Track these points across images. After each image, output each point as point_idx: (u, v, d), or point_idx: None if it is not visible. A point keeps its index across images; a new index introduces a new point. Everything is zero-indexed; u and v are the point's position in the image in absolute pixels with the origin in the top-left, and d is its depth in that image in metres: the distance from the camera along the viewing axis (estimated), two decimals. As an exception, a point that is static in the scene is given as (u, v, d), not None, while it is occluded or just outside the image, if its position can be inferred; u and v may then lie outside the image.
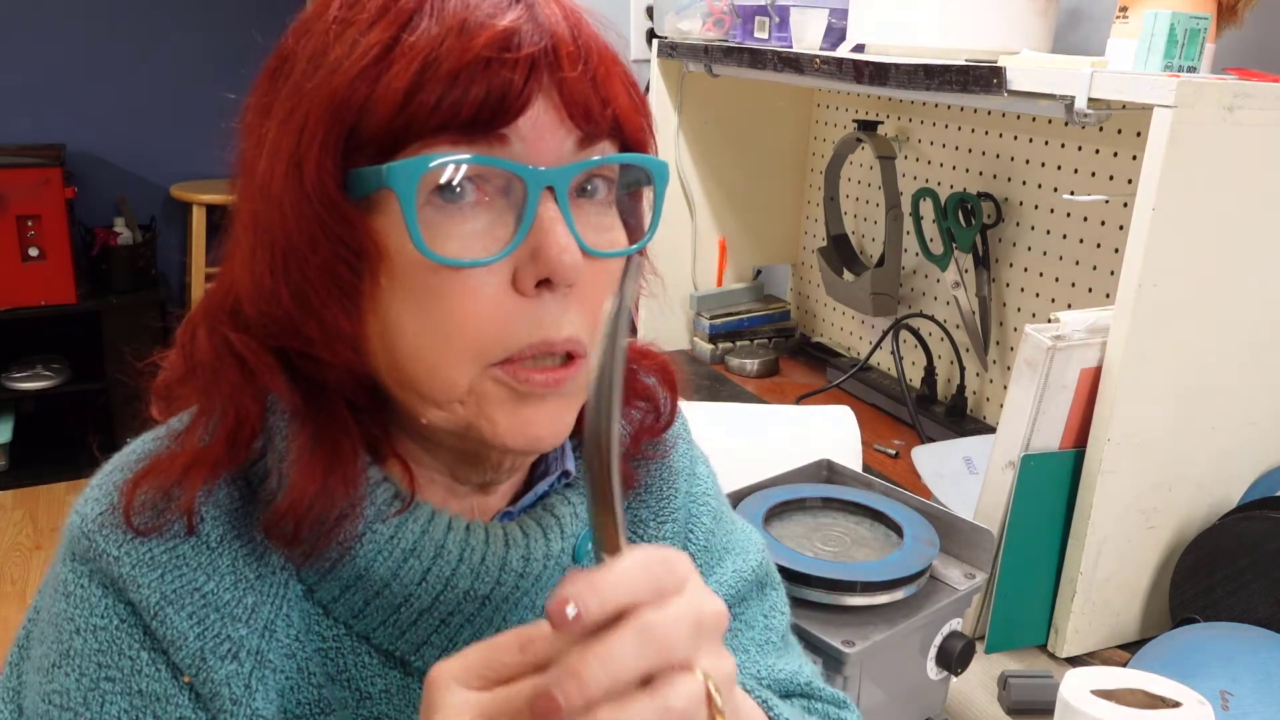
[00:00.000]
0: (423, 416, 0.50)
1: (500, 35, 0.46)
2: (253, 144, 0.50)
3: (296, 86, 0.48)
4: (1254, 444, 1.04)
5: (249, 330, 0.51)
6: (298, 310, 0.49)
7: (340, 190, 0.47)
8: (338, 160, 0.47)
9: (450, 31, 0.46)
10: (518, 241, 0.47)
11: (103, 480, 0.52)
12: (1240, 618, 0.95)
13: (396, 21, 0.46)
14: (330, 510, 0.49)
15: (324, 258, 0.47)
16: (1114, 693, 0.73)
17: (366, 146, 0.46)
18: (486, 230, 0.48)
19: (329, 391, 0.51)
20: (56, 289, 3.00)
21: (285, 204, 0.47)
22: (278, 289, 0.49)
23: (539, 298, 0.48)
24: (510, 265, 0.48)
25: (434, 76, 0.45)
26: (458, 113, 0.45)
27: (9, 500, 3.00)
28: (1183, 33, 0.98)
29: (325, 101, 0.46)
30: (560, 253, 0.47)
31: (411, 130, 0.46)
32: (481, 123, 0.46)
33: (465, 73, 0.45)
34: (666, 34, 1.74)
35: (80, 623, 0.49)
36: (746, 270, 1.94)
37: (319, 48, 0.48)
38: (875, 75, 1.21)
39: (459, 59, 0.45)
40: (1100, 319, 0.96)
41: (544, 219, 0.47)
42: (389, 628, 0.53)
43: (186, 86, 3.51)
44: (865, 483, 0.98)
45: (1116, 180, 1.29)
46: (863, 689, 0.81)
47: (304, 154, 0.47)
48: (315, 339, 0.49)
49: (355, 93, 0.46)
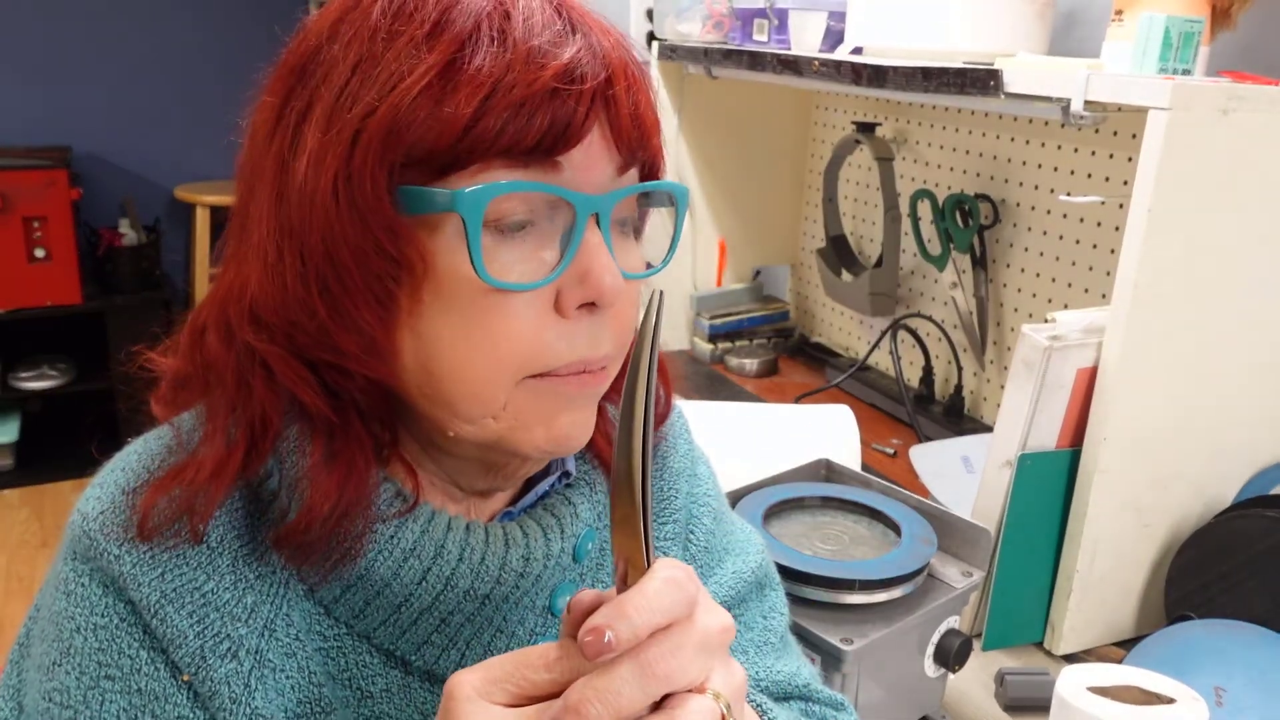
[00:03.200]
0: (450, 430, 0.51)
1: (565, 67, 0.47)
2: (277, 146, 0.49)
3: (343, 95, 0.47)
4: (1248, 443, 1.05)
5: (274, 339, 0.50)
6: (333, 322, 0.49)
7: (393, 205, 0.47)
8: (391, 176, 0.47)
9: (517, 60, 0.46)
10: (564, 266, 0.49)
11: (105, 480, 0.52)
12: (1234, 615, 0.95)
13: (455, 41, 0.47)
14: (341, 530, 0.50)
15: (370, 271, 0.47)
16: (1109, 689, 0.73)
17: (421, 164, 0.47)
18: (533, 254, 0.49)
19: (347, 403, 0.51)
20: (62, 290, 3.01)
21: (331, 215, 0.47)
22: (311, 299, 0.48)
23: (578, 320, 0.50)
24: (554, 288, 0.49)
25: (500, 104, 0.46)
26: (521, 140, 0.46)
27: (15, 499, 3.02)
28: (1177, 36, 0.98)
29: (385, 119, 0.46)
30: (603, 275, 0.49)
31: (474, 153, 0.47)
32: (542, 151, 0.47)
33: (531, 102, 0.46)
34: (666, 36, 1.74)
35: (80, 621, 0.49)
36: (746, 271, 1.95)
37: (366, 56, 0.48)
38: (873, 77, 1.22)
39: (527, 89, 0.46)
40: (1096, 319, 0.96)
41: (590, 245, 0.49)
42: (389, 627, 0.53)
43: (192, 88, 3.52)
44: (864, 482, 0.99)
45: (1112, 182, 1.30)
46: (861, 686, 0.81)
47: (357, 168, 0.46)
48: (349, 352, 0.49)
49: (416, 113, 0.46)
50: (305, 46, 0.50)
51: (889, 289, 1.62)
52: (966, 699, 0.96)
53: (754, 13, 1.54)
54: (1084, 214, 1.34)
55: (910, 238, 1.59)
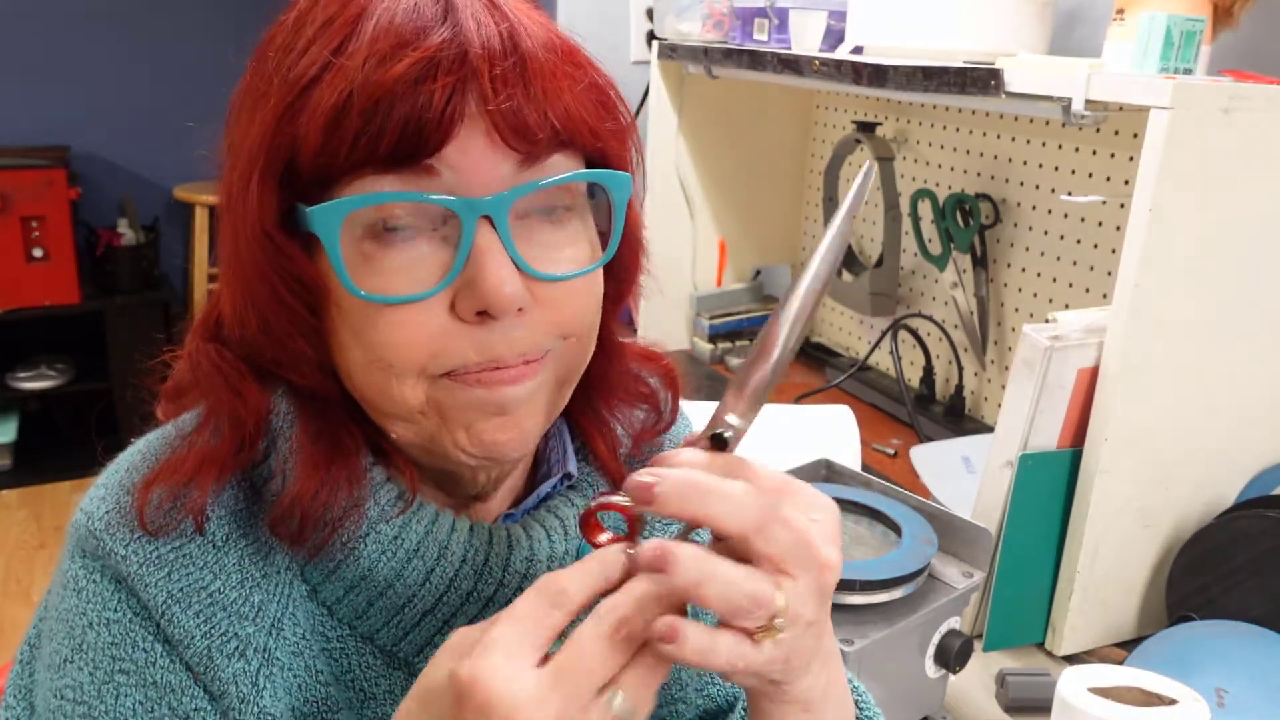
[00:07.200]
0: (391, 431, 0.51)
1: (418, 63, 0.44)
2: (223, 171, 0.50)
3: (248, 116, 0.48)
4: (1250, 443, 1.05)
5: (229, 344, 0.52)
6: (263, 335, 0.49)
7: (280, 227, 0.46)
8: (278, 195, 0.46)
9: (368, 61, 0.44)
10: (454, 274, 0.46)
11: (108, 479, 0.52)
12: (1236, 616, 0.95)
13: (326, 48, 0.45)
14: (334, 503, 0.50)
15: (273, 289, 0.48)
16: (1111, 690, 0.73)
17: (301, 181, 0.46)
18: (427, 258, 0.46)
19: (319, 400, 0.52)
20: (60, 289, 3.00)
21: (240, 235, 0.47)
22: (247, 313, 0.49)
23: (483, 324, 0.47)
24: (450, 294, 0.47)
25: (351, 110, 0.44)
26: (376, 147, 0.44)
27: (14, 499, 3.01)
28: (1179, 35, 0.98)
29: (260, 135, 0.46)
30: (498, 285, 0.45)
31: (336, 165, 0.45)
32: (403, 156, 0.44)
33: (382, 105, 0.43)
34: (666, 36, 1.74)
35: (93, 617, 0.49)
36: (746, 270, 1.94)
37: (263, 75, 0.47)
38: (874, 77, 1.22)
39: (374, 91, 0.43)
40: (1097, 319, 0.96)
41: (480, 250, 0.46)
42: (392, 629, 0.53)
43: (190, 88, 3.50)
44: (864, 482, 0.99)
45: (1113, 181, 1.29)
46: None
47: (247, 188, 0.46)
48: (282, 361, 0.50)
49: (284, 127, 0.45)
50: (246, 73, 0.50)
51: (889, 289, 1.62)
52: (967, 700, 0.96)
53: (754, 12, 1.54)
54: (1085, 214, 1.34)
55: (911, 237, 1.59)
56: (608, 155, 0.51)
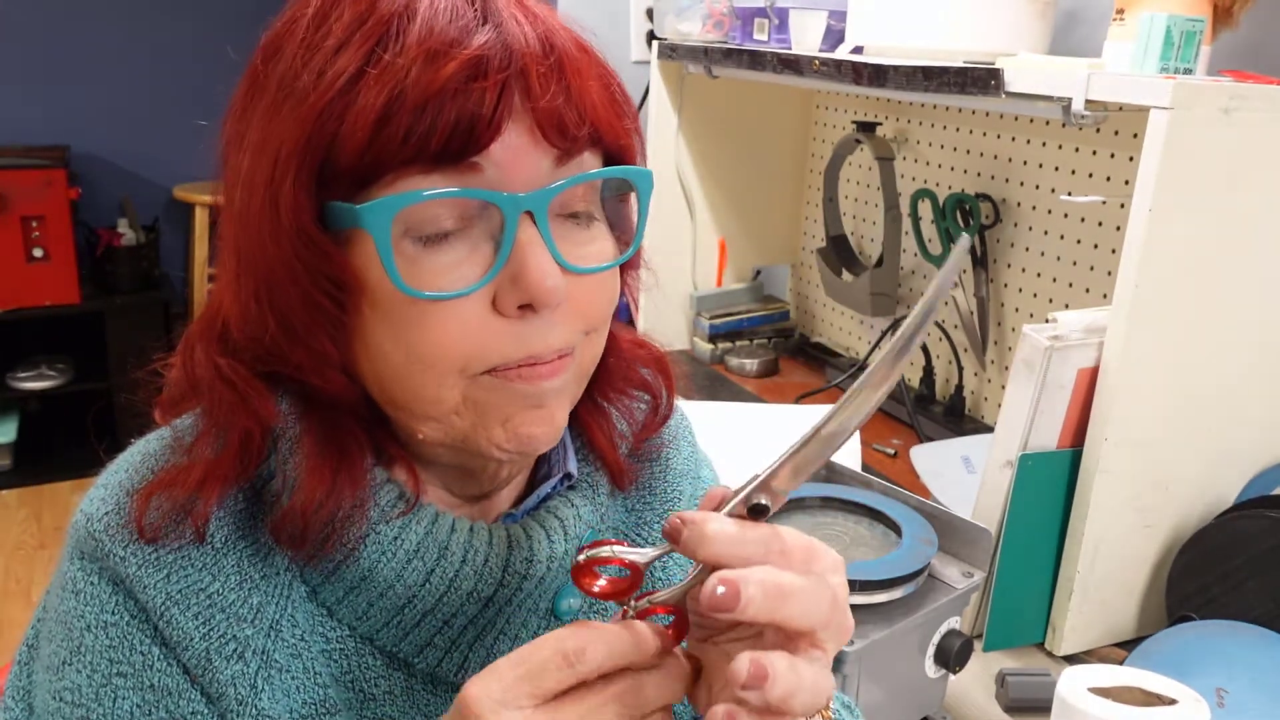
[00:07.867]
0: (419, 432, 0.51)
1: (468, 63, 0.45)
2: (231, 172, 0.50)
3: (268, 114, 0.47)
4: (1250, 443, 1.05)
5: (237, 354, 0.51)
6: (284, 338, 0.49)
7: (316, 224, 0.47)
8: (313, 193, 0.46)
9: (416, 61, 0.45)
10: (497, 268, 0.47)
11: (107, 480, 0.52)
12: (1236, 616, 0.95)
13: (363, 48, 0.46)
14: (338, 510, 0.50)
15: (304, 289, 0.47)
16: (1111, 690, 0.73)
17: (340, 179, 0.46)
18: (467, 257, 0.47)
19: (329, 404, 0.51)
20: (60, 289, 3.00)
21: (265, 236, 0.47)
22: (264, 317, 0.49)
23: (523, 318, 0.48)
24: (491, 290, 0.48)
25: (401, 109, 0.44)
26: (427, 145, 0.45)
27: (13, 499, 3.01)
28: (1179, 35, 0.98)
29: (295, 135, 0.46)
30: (542, 278, 0.47)
31: (382, 163, 0.45)
32: (452, 153, 0.45)
33: (433, 104, 0.44)
34: (666, 36, 1.74)
35: (91, 619, 0.49)
36: (746, 270, 1.94)
37: (287, 73, 0.47)
38: (874, 77, 1.22)
39: (425, 90, 0.44)
40: (1097, 319, 0.96)
41: (523, 244, 0.47)
42: (392, 630, 0.53)
43: (190, 87, 3.51)
44: (864, 482, 0.99)
45: (1113, 181, 1.29)
46: (861, 687, 0.81)
47: (279, 188, 0.46)
48: (304, 365, 0.50)
49: (324, 126, 0.45)
50: (251, 69, 0.50)
51: (889, 289, 1.62)
52: (967, 700, 0.96)
53: (754, 12, 1.54)
54: (1085, 214, 1.34)
55: (911, 237, 1.59)
56: (627, 151, 0.52)
